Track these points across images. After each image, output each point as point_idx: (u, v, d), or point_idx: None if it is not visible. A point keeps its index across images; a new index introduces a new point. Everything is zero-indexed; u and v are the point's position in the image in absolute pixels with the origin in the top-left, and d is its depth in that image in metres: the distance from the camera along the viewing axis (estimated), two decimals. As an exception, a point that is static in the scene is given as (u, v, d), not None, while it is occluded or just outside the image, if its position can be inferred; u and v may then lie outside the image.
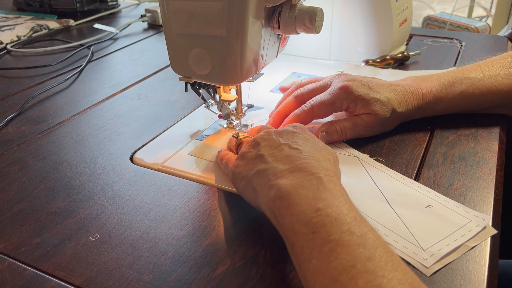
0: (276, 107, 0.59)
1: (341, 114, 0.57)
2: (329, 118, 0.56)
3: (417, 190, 0.45)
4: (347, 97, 0.53)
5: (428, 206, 0.43)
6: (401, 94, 0.55)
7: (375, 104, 0.53)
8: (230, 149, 0.51)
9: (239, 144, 0.49)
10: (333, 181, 0.36)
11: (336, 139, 0.54)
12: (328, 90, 0.55)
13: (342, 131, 0.54)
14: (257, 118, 0.61)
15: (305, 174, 0.37)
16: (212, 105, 0.59)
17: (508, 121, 0.59)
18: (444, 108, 0.57)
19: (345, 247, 0.30)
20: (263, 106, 0.65)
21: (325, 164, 0.39)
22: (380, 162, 0.51)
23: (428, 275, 0.36)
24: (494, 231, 0.40)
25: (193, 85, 0.55)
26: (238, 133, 0.50)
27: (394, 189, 0.46)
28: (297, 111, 0.55)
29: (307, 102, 0.55)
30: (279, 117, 0.57)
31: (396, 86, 0.56)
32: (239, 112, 0.58)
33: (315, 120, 0.56)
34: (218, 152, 0.51)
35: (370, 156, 0.52)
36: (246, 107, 0.59)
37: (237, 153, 0.48)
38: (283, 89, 0.67)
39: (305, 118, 0.54)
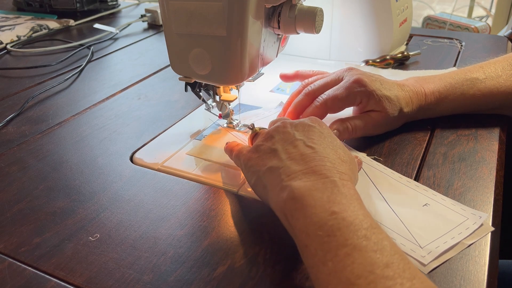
0: (284, 109, 0.58)
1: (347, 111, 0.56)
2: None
3: (414, 189, 0.46)
4: (362, 91, 0.52)
5: (425, 204, 0.43)
6: (408, 94, 0.55)
7: (386, 101, 0.53)
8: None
9: (254, 135, 0.48)
10: (347, 186, 0.36)
11: (346, 137, 0.53)
12: (341, 84, 0.54)
13: (353, 130, 0.53)
14: (256, 118, 0.61)
15: (319, 177, 0.36)
16: (212, 107, 0.59)
17: (508, 121, 0.59)
18: (445, 109, 0.57)
19: (362, 252, 0.30)
20: (261, 106, 0.65)
21: (340, 167, 0.38)
22: (377, 161, 0.51)
23: (426, 272, 0.36)
24: (491, 229, 0.40)
25: (193, 87, 0.55)
26: (253, 124, 0.49)
27: (392, 188, 0.46)
28: (309, 108, 0.54)
29: (319, 97, 0.54)
30: (293, 118, 0.55)
31: (404, 86, 0.55)
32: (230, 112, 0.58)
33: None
34: (226, 143, 0.50)
35: (367, 155, 0.52)
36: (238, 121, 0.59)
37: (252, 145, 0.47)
38: (283, 77, 0.65)
39: (319, 114, 0.53)
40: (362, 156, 0.52)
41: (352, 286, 0.29)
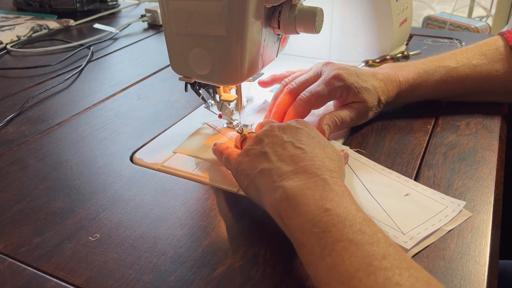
0: (270, 110, 0.59)
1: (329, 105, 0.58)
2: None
3: (396, 180, 0.47)
4: (341, 86, 0.54)
5: (407, 194, 0.45)
6: (382, 82, 0.57)
7: (365, 92, 0.55)
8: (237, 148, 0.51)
9: (243, 139, 0.49)
10: (338, 183, 0.37)
11: (336, 130, 0.55)
12: (321, 80, 0.55)
13: (341, 122, 0.54)
14: (241, 115, 0.61)
15: (310, 175, 0.37)
16: (212, 105, 0.59)
17: (508, 120, 0.59)
18: (420, 95, 0.59)
19: (359, 246, 0.31)
20: (246, 104, 0.65)
21: (329, 164, 0.39)
22: (360, 153, 0.51)
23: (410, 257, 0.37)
24: (470, 214, 0.42)
25: (193, 85, 0.55)
26: (242, 128, 0.50)
27: (374, 180, 0.47)
28: (293, 106, 0.55)
29: (302, 94, 0.55)
30: (278, 118, 0.56)
31: (377, 74, 0.57)
32: (239, 106, 0.57)
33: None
34: (214, 144, 0.50)
35: (350, 148, 0.53)
36: (246, 100, 0.59)
37: (241, 149, 0.48)
38: (261, 83, 0.65)
39: (303, 111, 0.55)
40: (345, 148, 0.52)
41: (352, 279, 0.29)
